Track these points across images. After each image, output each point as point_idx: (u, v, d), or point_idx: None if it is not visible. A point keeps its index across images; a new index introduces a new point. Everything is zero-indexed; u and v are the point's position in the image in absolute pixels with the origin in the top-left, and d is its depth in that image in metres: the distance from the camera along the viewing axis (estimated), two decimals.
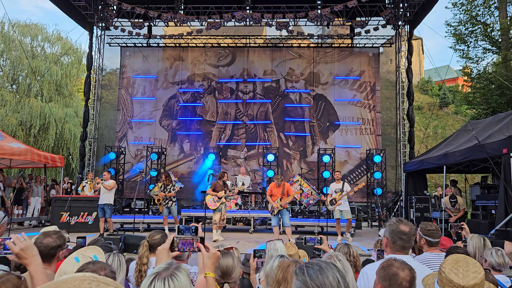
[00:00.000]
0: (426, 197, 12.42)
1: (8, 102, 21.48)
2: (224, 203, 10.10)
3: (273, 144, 16.31)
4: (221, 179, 10.18)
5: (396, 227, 2.54)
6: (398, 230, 2.52)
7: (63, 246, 2.73)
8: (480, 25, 19.78)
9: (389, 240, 2.55)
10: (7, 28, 22.27)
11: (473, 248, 3.56)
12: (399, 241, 2.51)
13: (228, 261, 2.48)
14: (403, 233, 2.51)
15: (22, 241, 1.71)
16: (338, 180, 10.20)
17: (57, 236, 2.67)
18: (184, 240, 2.03)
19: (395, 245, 2.52)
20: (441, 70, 29.93)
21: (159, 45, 17.85)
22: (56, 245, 2.60)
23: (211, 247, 2.02)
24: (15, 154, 11.28)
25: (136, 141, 16.89)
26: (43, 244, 2.53)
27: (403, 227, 2.53)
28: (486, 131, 9.75)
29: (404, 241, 2.51)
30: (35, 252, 1.71)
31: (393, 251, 2.54)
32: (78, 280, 0.84)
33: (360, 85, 16.73)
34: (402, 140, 15.84)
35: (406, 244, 2.52)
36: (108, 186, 10.00)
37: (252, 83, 17.12)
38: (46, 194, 13.97)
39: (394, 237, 2.52)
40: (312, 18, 14.97)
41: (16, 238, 1.72)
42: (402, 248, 2.52)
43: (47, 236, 2.63)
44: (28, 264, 1.69)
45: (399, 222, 2.57)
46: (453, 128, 34.64)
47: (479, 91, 19.69)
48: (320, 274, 1.37)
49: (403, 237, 2.50)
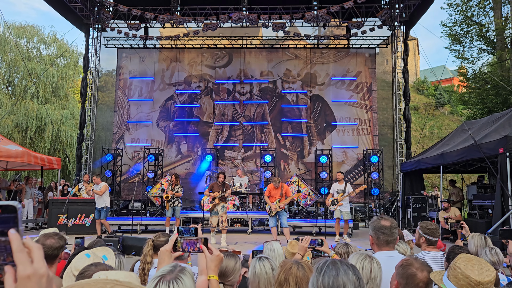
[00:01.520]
0: (423, 197, 12.48)
1: (4, 104, 21.37)
2: (222, 204, 9.61)
3: (270, 145, 16.32)
4: (219, 180, 9.88)
5: (378, 223, 2.63)
6: (379, 225, 2.61)
7: (64, 247, 2.77)
8: (475, 25, 19.90)
9: (373, 237, 2.64)
10: (3, 30, 22.19)
11: (474, 246, 3.59)
12: (382, 236, 2.58)
13: (229, 263, 2.47)
14: (384, 227, 2.59)
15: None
16: (341, 181, 10.22)
17: (59, 237, 2.74)
18: (188, 240, 2.03)
19: (379, 240, 2.60)
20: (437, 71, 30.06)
21: (155, 47, 17.84)
22: (59, 246, 2.66)
23: (214, 249, 2.01)
24: (11, 156, 11.24)
25: (133, 142, 16.86)
26: (46, 245, 2.56)
27: (384, 222, 2.61)
28: (482, 131, 9.82)
29: (387, 235, 2.58)
30: None
31: (379, 247, 2.62)
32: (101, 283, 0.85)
33: (356, 86, 16.78)
34: (399, 140, 15.89)
35: (389, 238, 2.59)
36: (99, 192, 9.99)
37: (249, 84, 17.14)
38: (43, 196, 13.92)
39: (377, 233, 2.60)
40: (309, 19, 15.01)
41: None
42: (386, 243, 2.60)
43: (49, 237, 2.67)
44: None
45: (380, 218, 2.67)
46: (449, 128, 34.78)
47: (475, 91, 19.81)
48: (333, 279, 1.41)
49: (385, 231, 2.58)
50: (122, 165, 15.72)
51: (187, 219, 12.52)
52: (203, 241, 2.01)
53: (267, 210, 9.45)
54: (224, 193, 9.53)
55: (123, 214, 12.89)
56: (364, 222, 14.50)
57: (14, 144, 13.00)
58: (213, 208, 9.56)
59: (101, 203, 10.04)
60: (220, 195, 9.52)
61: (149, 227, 12.28)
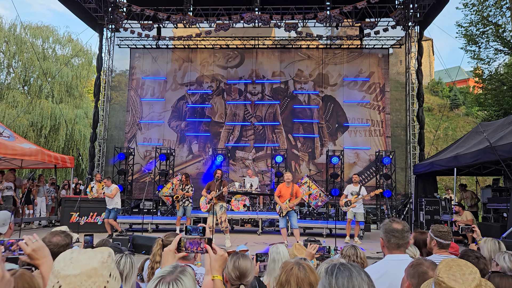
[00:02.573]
0: (436, 200, 12.29)
1: (20, 103, 21.74)
2: (220, 204, 9.21)
3: (281, 146, 16.27)
4: (215, 177, 9.38)
5: (389, 226, 2.59)
6: (390, 228, 2.57)
7: (70, 245, 2.78)
8: (491, 25, 19.56)
9: (384, 240, 2.60)
10: (19, 31, 22.56)
11: (487, 251, 3.52)
12: (393, 239, 2.55)
13: (246, 263, 2.50)
14: (396, 230, 2.55)
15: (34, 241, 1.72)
16: (356, 183, 10.15)
17: (65, 235, 2.76)
18: (191, 240, 2.01)
19: (390, 243, 2.56)
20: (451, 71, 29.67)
21: (168, 47, 17.94)
22: (65, 244, 2.68)
23: (218, 249, 2.00)
24: (26, 154, 11.41)
25: (145, 142, 16.98)
26: (53, 242, 2.58)
27: (396, 225, 2.58)
28: (498, 133, 9.63)
29: (398, 238, 2.54)
30: (47, 253, 1.72)
31: (390, 250, 2.58)
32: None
33: (369, 87, 16.63)
34: (412, 142, 15.70)
35: (400, 242, 2.56)
36: (110, 194, 10.11)
37: (261, 84, 17.12)
38: (56, 194, 14.10)
39: (388, 235, 2.57)
40: (321, 19, 14.93)
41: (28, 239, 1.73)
42: (397, 246, 2.56)
43: (55, 235, 2.69)
44: (40, 264, 1.70)
45: (392, 221, 2.63)
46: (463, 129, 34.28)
47: (491, 93, 19.48)
48: (347, 280, 1.38)
49: (396, 234, 2.54)
50: (134, 164, 15.85)
51: (197, 218, 12.55)
52: (206, 241, 1.99)
53: (277, 210, 9.35)
54: (220, 191, 9.07)
55: (134, 213, 13.01)
56: (375, 224, 14.36)
57: (29, 142, 13.20)
58: (211, 209, 9.15)
59: (112, 204, 10.15)
60: (216, 194, 9.10)
61: (160, 226, 12.35)
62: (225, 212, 9.36)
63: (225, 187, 9.24)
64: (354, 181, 10.20)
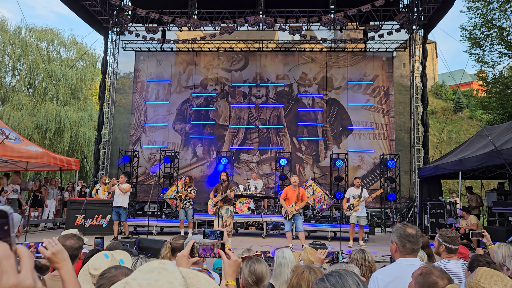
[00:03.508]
0: (441, 203, 12.28)
1: (25, 105, 21.85)
2: (226, 207, 9.21)
3: (285, 149, 16.29)
4: (221, 180, 9.40)
5: (403, 231, 2.57)
6: (406, 233, 2.56)
7: (82, 247, 2.84)
8: (495, 29, 19.53)
9: (399, 245, 2.59)
10: (24, 33, 22.69)
11: (502, 256, 3.50)
12: (408, 244, 2.54)
13: (262, 268, 2.50)
14: (411, 235, 2.55)
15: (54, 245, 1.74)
16: (357, 186, 10.13)
17: (77, 238, 2.84)
18: (204, 246, 2.02)
19: (405, 248, 2.56)
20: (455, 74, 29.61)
21: (172, 50, 18.00)
22: (78, 246, 2.76)
23: (232, 254, 2.00)
24: (31, 157, 11.47)
25: (150, 144, 17.03)
26: (67, 245, 2.62)
27: (410, 230, 2.57)
28: (503, 137, 9.61)
29: (413, 243, 2.54)
30: (66, 256, 1.74)
31: (403, 255, 2.57)
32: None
33: (373, 90, 16.63)
34: (416, 145, 15.68)
35: (415, 247, 2.56)
36: (123, 188, 10.09)
37: (265, 87, 17.16)
38: (61, 197, 14.16)
39: (403, 240, 2.56)
40: (325, 23, 14.95)
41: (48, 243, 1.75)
42: (412, 251, 2.56)
43: (69, 238, 2.74)
44: (60, 268, 1.72)
45: (405, 226, 2.62)
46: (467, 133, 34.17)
47: (495, 96, 19.45)
48: (340, 279, 1.44)
49: (412, 240, 2.54)
50: (139, 167, 15.89)
51: (202, 221, 12.57)
52: (220, 246, 2.00)
53: (282, 213, 9.32)
54: (225, 194, 9.08)
55: (139, 216, 13.03)
56: (380, 228, 14.33)
57: (34, 145, 13.26)
58: (216, 212, 9.20)
59: (119, 201, 10.05)
60: (221, 197, 9.10)
61: (165, 229, 12.36)
62: (231, 216, 9.30)
63: (231, 190, 9.23)
64: (356, 184, 10.18)
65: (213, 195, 9.38)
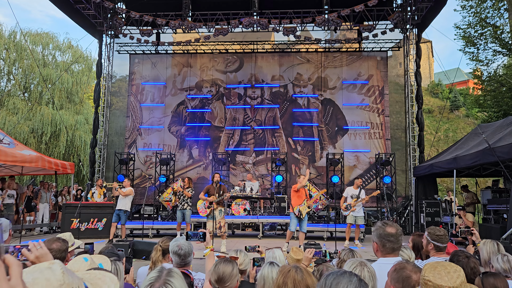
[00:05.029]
0: (437, 202, 12.30)
1: (20, 110, 21.80)
2: (220, 209, 9.10)
3: (281, 149, 16.30)
4: (214, 181, 9.33)
5: (383, 230, 2.57)
6: (385, 233, 2.56)
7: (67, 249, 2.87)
8: (489, 27, 19.60)
9: (379, 244, 2.59)
10: (19, 37, 22.65)
11: (487, 253, 3.52)
12: (388, 244, 2.54)
13: (226, 269, 2.49)
14: (391, 235, 2.54)
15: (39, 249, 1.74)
16: (357, 186, 10.11)
17: (62, 240, 2.88)
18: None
19: (385, 248, 2.56)
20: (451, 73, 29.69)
21: (167, 52, 18.00)
22: (65, 248, 2.82)
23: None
24: (26, 161, 11.43)
25: (145, 147, 17.01)
26: (53, 248, 2.66)
27: (390, 229, 2.56)
28: (497, 134, 9.64)
29: (393, 242, 2.54)
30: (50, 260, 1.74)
31: (384, 254, 2.57)
32: None
33: (368, 89, 16.67)
34: (412, 144, 15.71)
35: (395, 246, 2.56)
36: (123, 192, 10.05)
37: (260, 88, 17.16)
38: (55, 200, 14.11)
39: (383, 240, 2.55)
40: (319, 23, 14.97)
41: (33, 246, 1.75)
42: (392, 250, 2.56)
43: (55, 241, 2.78)
44: None
45: (385, 225, 2.60)
46: (464, 131, 34.27)
47: (490, 94, 19.50)
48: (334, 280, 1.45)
49: (391, 239, 2.53)
50: (135, 170, 15.87)
51: (198, 223, 12.56)
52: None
53: (296, 213, 9.02)
54: (222, 196, 9.02)
55: (135, 218, 13.01)
56: None
57: (29, 149, 13.23)
58: (210, 213, 9.04)
59: (121, 205, 10.02)
60: (217, 199, 9.00)
61: (161, 231, 12.35)
62: (223, 217, 9.25)
63: (226, 192, 9.21)
64: (356, 184, 10.15)
65: (203, 196, 9.27)
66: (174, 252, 3.00)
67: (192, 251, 3.07)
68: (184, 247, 2.98)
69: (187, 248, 3.00)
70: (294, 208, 9.05)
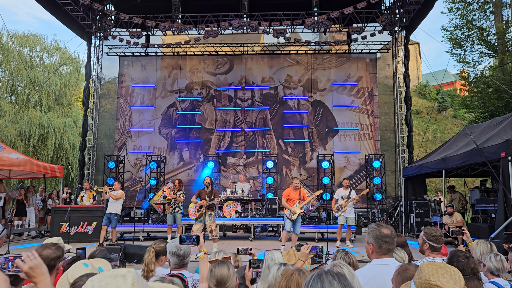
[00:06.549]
0: (426, 202, 12.44)
1: (7, 112, 21.48)
2: (209, 213, 9.07)
3: (272, 151, 16.33)
4: (207, 187, 9.32)
5: (379, 231, 2.59)
6: (381, 234, 2.57)
7: (61, 257, 2.76)
8: (476, 29, 19.92)
9: (375, 246, 2.59)
10: (6, 39, 22.34)
11: (480, 253, 3.57)
12: (384, 245, 2.56)
13: (223, 270, 2.51)
14: (387, 236, 2.56)
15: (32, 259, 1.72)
16: (346, 187, 10.18)
17: (56, 248, 2.71)
18: None
19: (381, 249, 2.57)
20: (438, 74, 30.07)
21: (157, 54, 17.93)
22: (55, 256, 2.64)
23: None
24: (14, 165, 11.27)
25: (136, 150, 16.90)
26: (43, 255, 2.54)
27: (385, 231, 2.58)
28: (484, 135, 9.79)
29: (389, 243, 2.56)
30: (44, 271, 1.72)
31: (379, 255, 2.58)
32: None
33: (358, 91, 16.80)
34: (401, 145, 15.86)
35: (391, 247, 2.58)
36: (114, 195, 9.97)
37: (250, 90, 17.19)
38: (42, 205, 13.92)
39: (379, 241, 2.57)
40: (309, 25, 15.06)
41: (27, 257, 1.73)
42: (388, 251, 2.58)
43: (46, 248, 2.66)
44: (37, 282, 1.70)
45: (380, 226, 2.62)
46: (452, 132, 34.70)
47: (477, 95, 19.77)
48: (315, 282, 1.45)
49: (388, 240, 2.55)
50: (125, 173, 15.75)
51: (190, 226, 12.49)
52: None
53: (287, 214, 9.07)
54: (212, 201, 9.07)
55: (125, 222, 12.91)
56: (367, 228, 14.43)
57: (17, 152, 13.04)
58: (200, 217, 9.08)
59: (111, 208, 9.94)
60: (208, 203, 9.03)
61: (152, 235, 12.27)
62: (214, 220, 9.29)
63: (217, 197, 9.21)
64: (345, 185, 10.24)
65: (195, 199, 9.29)
66: (173, 253, 3.03)
67: (190, 252, 3.12)
68: (183, 247, 3.03)
69: (185, 249, 3.06)
70: (285, 210, 9.15)
